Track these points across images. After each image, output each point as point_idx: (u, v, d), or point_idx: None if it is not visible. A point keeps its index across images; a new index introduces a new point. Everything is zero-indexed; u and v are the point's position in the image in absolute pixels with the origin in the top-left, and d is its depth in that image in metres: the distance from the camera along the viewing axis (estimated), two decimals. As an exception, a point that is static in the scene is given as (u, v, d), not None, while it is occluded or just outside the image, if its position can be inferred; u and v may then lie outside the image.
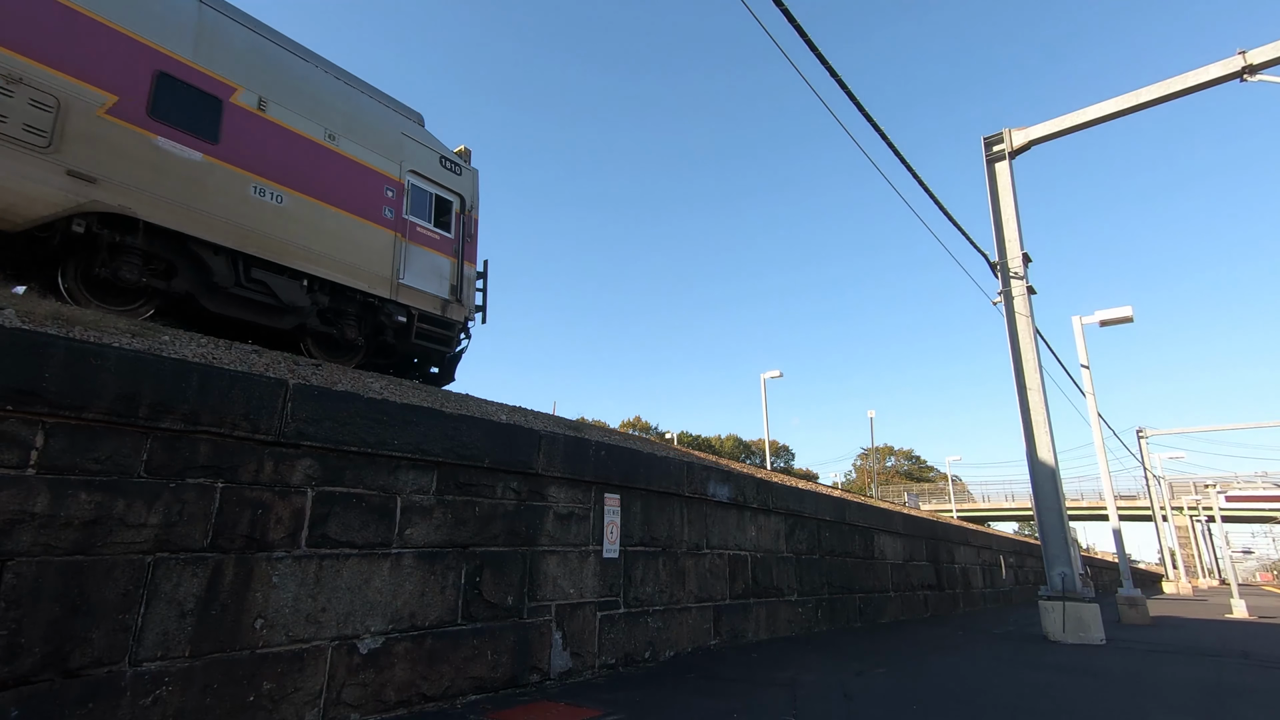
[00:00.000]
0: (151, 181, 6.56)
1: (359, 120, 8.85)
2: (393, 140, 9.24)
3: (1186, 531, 61.20)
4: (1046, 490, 11.55)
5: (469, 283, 9.82)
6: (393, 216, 8.92)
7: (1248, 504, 48.90)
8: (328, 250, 7.97)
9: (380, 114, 9.29)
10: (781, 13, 7.42)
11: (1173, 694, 6.46)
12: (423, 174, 9.51)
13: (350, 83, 9.07)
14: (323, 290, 8.01)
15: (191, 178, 6.87)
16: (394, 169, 9.09)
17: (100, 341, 4.11)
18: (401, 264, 8.86)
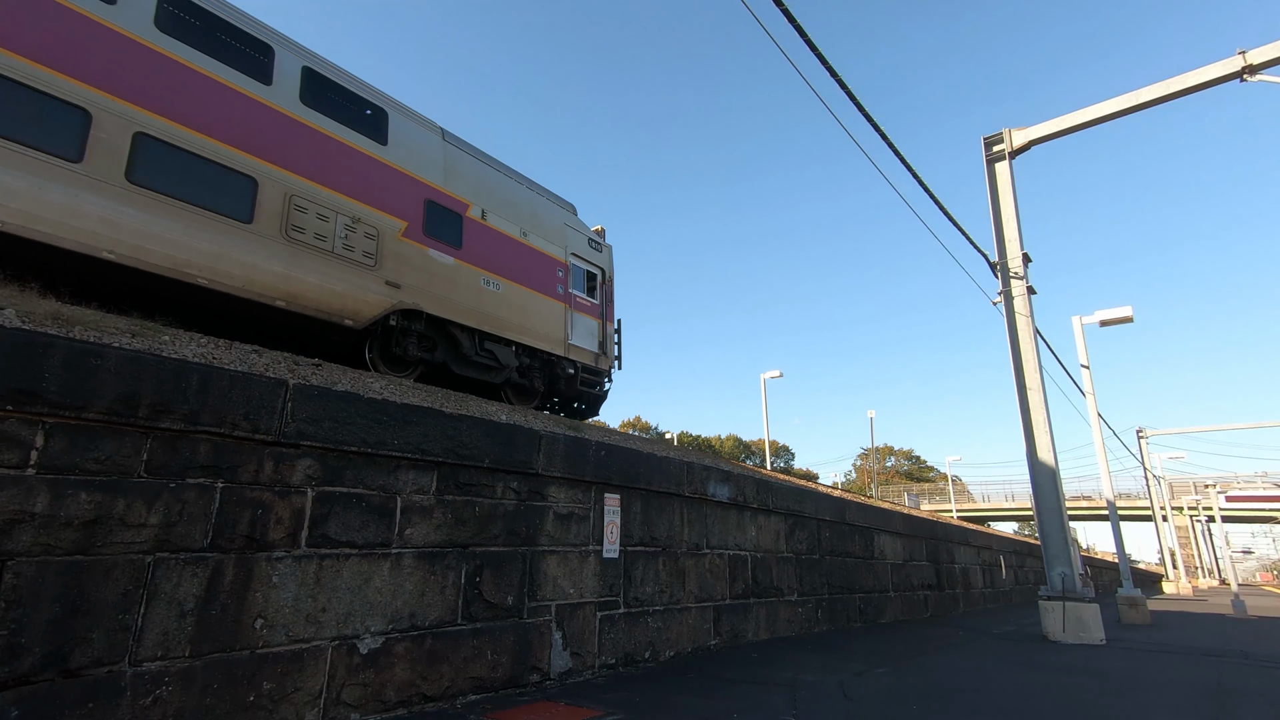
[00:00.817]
0: (428, 283, 8.90)
1: (539, 217, 11.23)
2: (559, 229, 11.62)
3: (1186, 531, 61.21)
4: (1046, 490, 11.55)
5: (610, 339, 12.24)
6: (562, 291, 11.32)
7: (1248, 504, 49.03)
8: (526, 322, 10.36)
9: (550, 209, 11.66)
10: (782, 13, 7.42)
11: (1173, 694, 6.46)
12: (579, 255, 11.92)
13: (530, 186, 11.47)
14: (523, 352, 10.33)
15: (448, 277, 9.22)
16: (561, 253, 11.49)
17: (100, 341, 4.11)
18: (569, 328, 11.25)
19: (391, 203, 8.74)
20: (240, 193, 7.30)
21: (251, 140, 7.49)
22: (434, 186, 9.45)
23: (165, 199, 6.68)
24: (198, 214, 6.87)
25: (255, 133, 7.57)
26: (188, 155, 6.94)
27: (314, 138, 8.15)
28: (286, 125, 7.93)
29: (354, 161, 8.47)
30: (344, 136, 8.48)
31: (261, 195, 7.49)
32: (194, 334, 5.65)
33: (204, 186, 6.99)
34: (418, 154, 9.38)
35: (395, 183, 8.90)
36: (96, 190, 6.32)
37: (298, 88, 8.18)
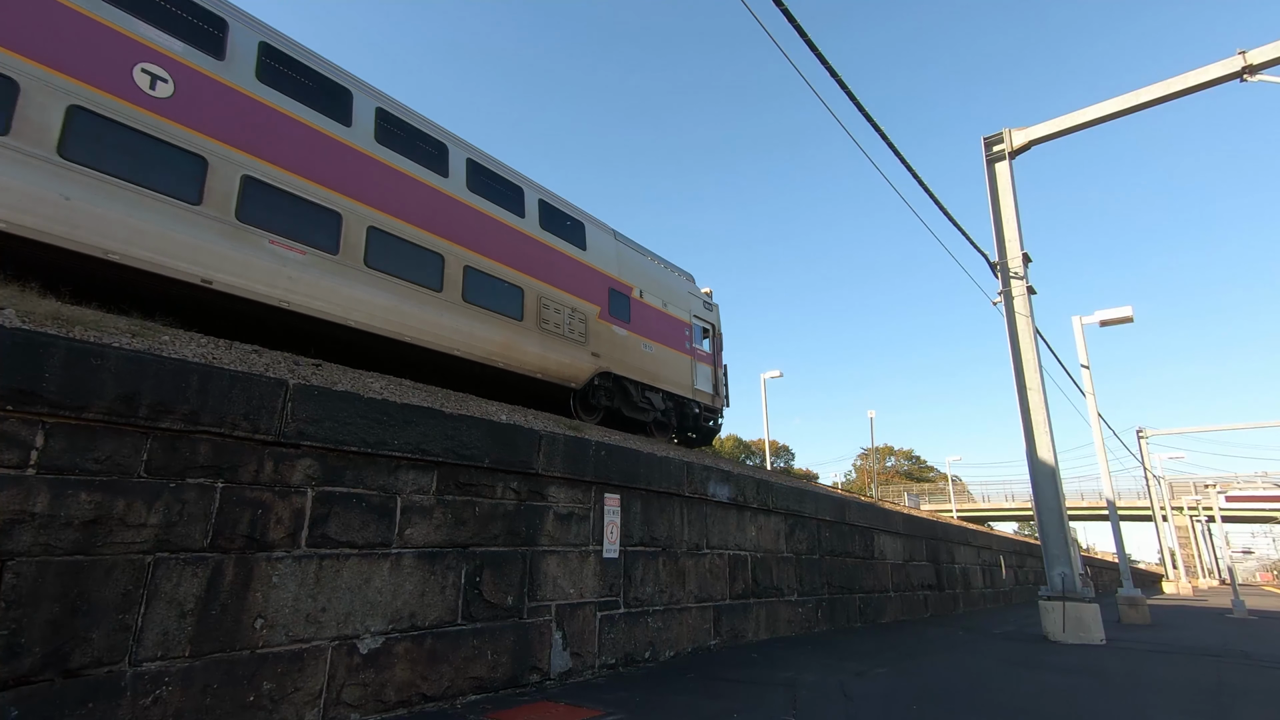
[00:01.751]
0: (613, 351, 11.96)
1: (671, 289, 14.37)
2: (684, 297, 14.71)
3: (1186, 532, 61.18)
4: (1046, 490, 11.54)
5: (721, 382, 15.27)
6: (689, 347, 14.35)
7: (1248, 504, 49.03)
8: (668, 374, 13.38)
9: (678, 281, 14.77)
10: (782, 13, 7.42)
11: (1173, 694, 6.46)
12: (698, 315, 14.99)
13: (664, 264, 14.58)
14: (666, 398, 13.31)
15: (623, 345, 12.29)
16: (686, 316, 14.56)
17: (100, 341, 4.11)
18: (694, 376, 14.27)
19: (590, 293, 11.92)
20: (515, 300, 10.34)
21: (520, 261, 10.60)
22: (613, 277, 12.64)
23: (481, 310, 9.71)
24: (495, 318, 9.91)
25: (521, 255, 10.67)
26: (494, 279, 10.07)
27: (550, 253, 11.31)
28: (536, 246, 11.05)
29: (571, 266, 11.64)
30: (564, 249, 11.61)
31: (526, 300, 10.50)
32: (194, 334, 5.65)
33: (500, 298, 10.10)
34: (602, 253, 12.54)
35: (592, 278, 12.07)
36: (452, 310, 9.31)
37: (539, 217, 11.28)
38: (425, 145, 9.78)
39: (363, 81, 9.24)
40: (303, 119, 8.22)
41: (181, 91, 7.09)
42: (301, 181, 7.96)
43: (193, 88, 7.20)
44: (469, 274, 9.64)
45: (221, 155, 7.26)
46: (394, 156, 9.14)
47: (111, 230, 6.36)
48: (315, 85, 8.58)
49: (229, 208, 7.21)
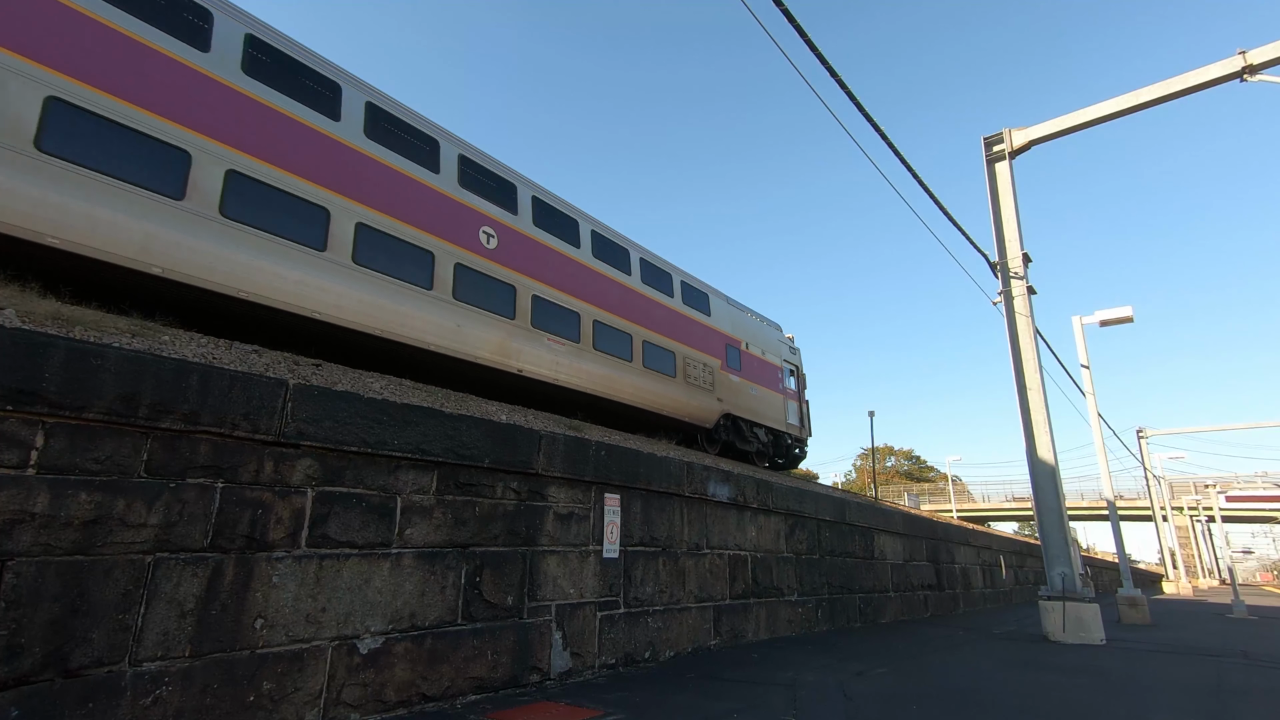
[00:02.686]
0: (731, 395, 14.97)
1: (767, 338, 17.48)
2: (776, 344, 17.86)
3: (1186, 532, 61.16)
4: (1046, 490, 11.54)
5: (805, 415, 18.58)
6: (781, 387, 17.42)
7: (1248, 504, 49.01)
8: (767, 412, 16.48)
9: (771, 331, 17.93)
10: (782, 13, 7.42)
11: (1173, 694, 6.46)
12: (786, 359, 18.13)
13: (761, 318, 17.78)
14: (767, 432, 16.48)
15: (737, 390, 15.32)
16: (778, 361, 17.70)
17: (100, 341, 4.11)
18: (785, 412, 17.43)
19: (714, 350, 14.98)
20: (670, 362, 13.48)
21: (672, 332, 13.79)
22: (728, 334, 15.72)
23: (652, 371, 12.92)
24: (660, 377, 13.05)
25: (673, 327, 13.89)
26: (658, 348, 13.16)
27: (689, 323, 14.52)
28: (680, 318, 14.26)
29: (702, 330, 14.81)
30: (697, 317, 14.76)
31: (676, 361, 13.61)
32: (194, 334, 5.65)
33: (661, 362, 13.19)
34: (720, 315, 15.71)
35: (715, 337, 15.15)
36: (635, 374, 12.45)
37: (681, 296, 14.53)
38: (616, 253, 13.19)
39: (590, 216, 12.83)
40: (566, 253, 11.84)
41: (501, 244, 10.53)
42: (565, 296, 11.45)
43: (510, 241, 10.73)
44: (645, 346, 12.98)
45: (526, 285, 10.72)
46: (606, 267, 12.63)
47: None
48: (561, 225, 12.00)
49: (527, 320, 10.58)
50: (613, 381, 11.87)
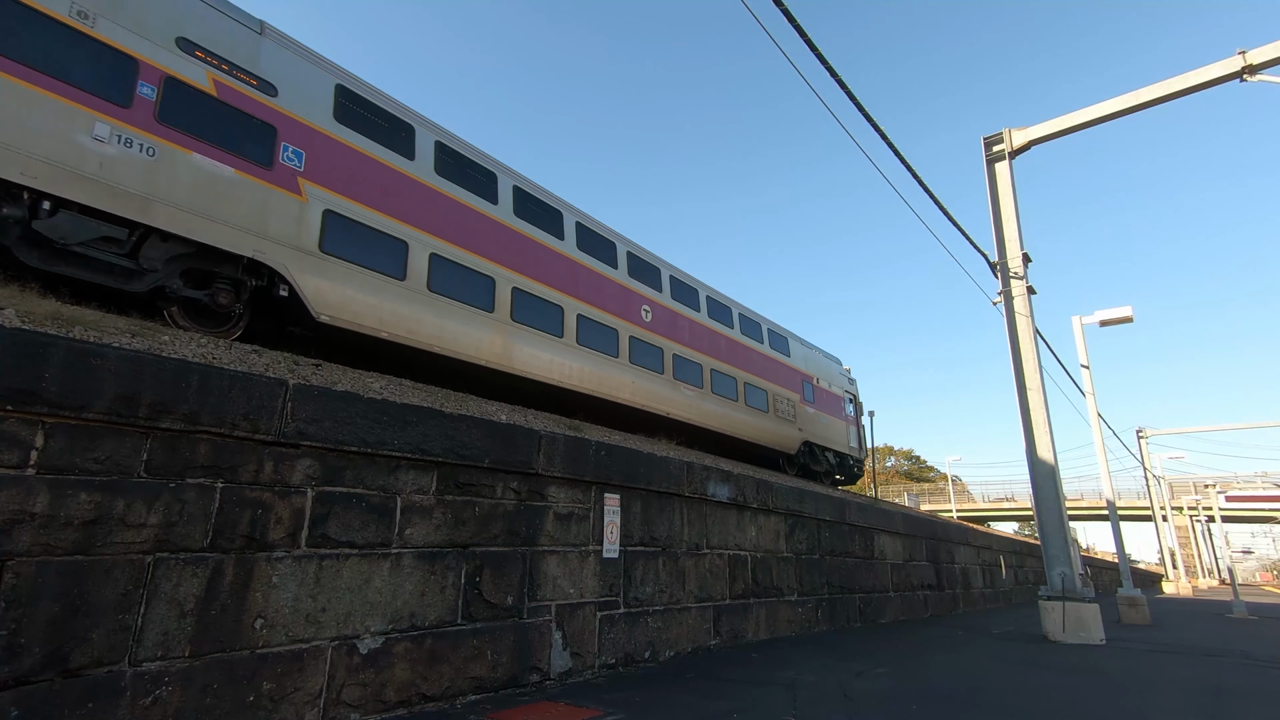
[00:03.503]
0: (808, 424, 17.64)
1: (831, 372, 20.06)
2: (838, 377, 20.48)
3: (1186, 531, 61.15)
4: (1046, 490, 11.54)
5: (862, 438, 21.46)
6: (843, 414, 20.12)
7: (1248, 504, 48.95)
8: (834, 437, 19.02)
9: (834, 365, 20.50)
10: (781, 13, 7.41)
11: (1173, 694, 6.46)
12: (846, 390, 20.77)
13: (825, 354, 20.30)
14: (835, 455, 19.14)
15: (813, 419, 17.95)
16: (840, 392, 20.32)
17: (100, 341, 4.11)
18: (848, 437, 20.09)
19: (794, 386, 17.65)
20: (763, 398, 16.12)
21: (765, 374, 16.55)
22: (803, 371, 18.36)
23: (752, 408, 15.73)
24: (758, 412, 15.83)
25: (766, 370, 16.58)
26: (756, 389, 15.97)
27: (777, 364, 17.32)
28: (771, 361, 17.05)
29: (785, 370, 17.51)
30: (781, 359, 17.51)
31: (768, 398, 16.30)
32: (194, 334, 5.65)
33: (758, 399, 15.92)
34: (797, 355, 18.38)
35: (794, 375, 17.84)
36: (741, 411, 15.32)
37: (769, 342, 17.28)
38: (723, 311, 15.96)
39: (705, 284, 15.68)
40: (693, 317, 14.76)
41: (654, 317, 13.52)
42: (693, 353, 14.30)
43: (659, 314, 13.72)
44: (746, 387, 15.71)
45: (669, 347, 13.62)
46: (717, 324, 15.50)
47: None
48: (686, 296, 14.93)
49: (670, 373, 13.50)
50: (726, 419, 14.77)
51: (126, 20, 6.82)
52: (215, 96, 7.39)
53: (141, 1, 7.01)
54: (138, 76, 6.82)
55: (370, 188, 8.75)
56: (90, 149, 6.32)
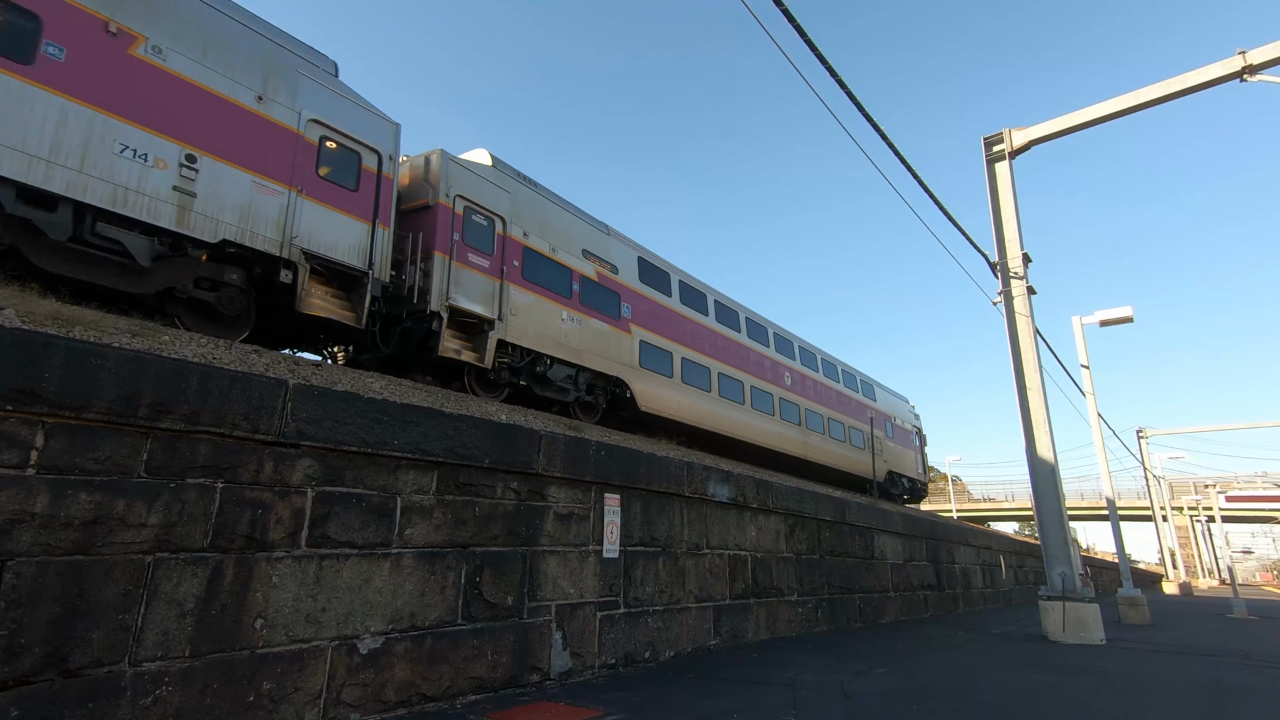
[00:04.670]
0: (890, 456, 22.45)
1: (903, 410, 24.58)
2: (906, 413, 24.77)
3: (1186, 531, 61.13)
4: (1046, 490, 11.54)
5: (925, 464, 25.48)
6: (912, 446, 24.50)
7: (1248, 504, 48.96)
8: (905, 465, 23.56)
9: (904, 404, 25.05)
10: (781, 13, 7.41)
11: (1173, 694, 6.46)
12: (913, 424, 25.02)
13: (894, 393, 24.60)
14: (907, 480, 23.57)
15: (892, 450, 22.86)
16: (909, 426, 24.84)
17: (100, 341, 4.11)
18: (917, 464, 24.61)
19: (880, 425, 21.58)
20: (861, 437, 20.62)
21: (860, 417, 21.01)
22: (886, 412, 22.68)
23: (856, 448, 20.55)
24: (861, 450, 20.57)
25: (860, 414, 20.99)
26: (858, 431, 20.86)
27: (866, 408, 21.21)
28: (864, 406, 21.27)
29: (874, 412, 21.53)
30: (869, 403, 21.64)
31: (864, 437, 20.55)
32: (193, 334, 5.65)
33: (856, 437, 20.49)
34: (880, 399, 22.65)
35: (880, 416, 21.80)
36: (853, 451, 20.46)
37: (860, 390, 21.48)
38: (833, 369, 20.41)
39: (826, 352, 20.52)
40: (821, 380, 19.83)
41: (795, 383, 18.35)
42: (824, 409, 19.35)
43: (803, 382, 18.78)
44: (850, 430, 20.34)
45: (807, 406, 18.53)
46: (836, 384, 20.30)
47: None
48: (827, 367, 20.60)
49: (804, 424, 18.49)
50: (838, 456, 19.48)
51: (570, 249, 11.92)
52: (596, 281, 12.28)
53: (571, 235, 12.05)
54: (572, 280, 11.68)
55: (655, 320, 13.60)
56: (562, 326, 11.23)
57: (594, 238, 12.55)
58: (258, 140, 7.52)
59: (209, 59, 7.26)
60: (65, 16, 6.25)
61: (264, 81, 7.73)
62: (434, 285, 9.15)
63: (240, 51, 7.59)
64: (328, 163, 8.20)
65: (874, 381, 23.01)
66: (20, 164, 5.80)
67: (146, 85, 6.72)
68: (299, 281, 7.59)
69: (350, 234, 8.23)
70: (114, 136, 6.42)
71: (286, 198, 7.66)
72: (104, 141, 6.34)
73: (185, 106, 6.99)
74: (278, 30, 8.16)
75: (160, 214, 6.61)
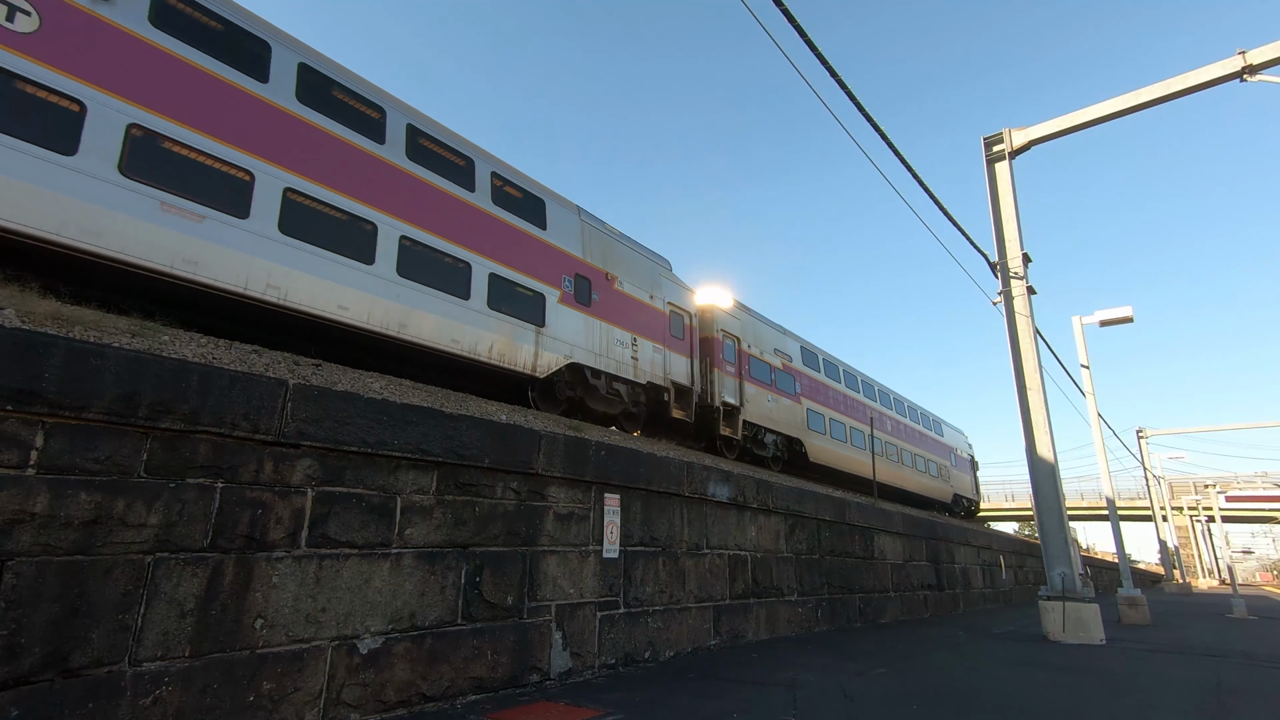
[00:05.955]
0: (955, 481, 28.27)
1: (961, 442, 29.82)
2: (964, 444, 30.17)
3: (1186, 531, 61.12)
4: (1046, 490, 11.54)
5: (977, 485, 30.95)
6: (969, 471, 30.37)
7: (1248, 504, 49.00)
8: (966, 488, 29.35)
9: (962, 436, 30.21)
10: (782, 13, 7.41)
11: (1173, 694, 6.46)
12: (969, 453, 30.60)
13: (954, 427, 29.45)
14: (967, 501, 29.51)
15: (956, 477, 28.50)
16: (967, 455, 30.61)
17: (100, 341, 4.11)
18: (972, 487, 30.26)
19: (947, 457, 26.98)
20: (935, 467, 25.86)
21: (933, 450, 26.24)
22: (948, 444, 27.52)
23: (929, 474, 25.42)
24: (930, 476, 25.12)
25: (933, 448, 26.20)
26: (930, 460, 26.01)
27: (935, 442, 26.42)
28: (935, 441, 26.32)
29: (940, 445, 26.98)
30: (936, 437, 26.59)
31: (936, 466, 25.78)
32: (193, 334, 5.65)
33: (930, 467, 25.75)
34: (945, 432, 27.64)
35: (947, 450, 27.22)
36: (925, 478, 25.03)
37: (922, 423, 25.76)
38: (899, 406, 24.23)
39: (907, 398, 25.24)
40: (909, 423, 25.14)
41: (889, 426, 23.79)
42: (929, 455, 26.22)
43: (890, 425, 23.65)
44: (929, 464, 24.88)
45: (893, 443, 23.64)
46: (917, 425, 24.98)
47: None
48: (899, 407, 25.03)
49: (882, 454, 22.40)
50: (921, 484, 24.11)
51: (768, 349, 16.85)
52: (781, 369, 17.08)
53: (766, 339, 17.03)
54: (771, 371, 16.57)
55: (814, 391, 18.31)
56: (768, 405, 16.05)
57: (778, 338, 17.65)
58: (652, 321, 12.99)
59: (634, 280, 12.74)
60: (595, 275, 11.76)
61: (651, 286, 13.25)
62: (714, 389, 14.45)
63: (642, 271, 13.12)
64: (673, 326, 13.62)
65: (941, 419, 27.86)
66: (588, 356, 11.21)
67: (620, 303, 12.21)
68: (669, 398, 12.95)
69: (684, 366, 13.65)
70: (615, 337, 11.85)
71: (663, 352, 13.05)
72: (611, 339, 11.74)
73: (632, 311, 12.48)
74: (646, 247, 13.71)
75: (628, 372, 12.00)
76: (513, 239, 10.18)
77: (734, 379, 15.09)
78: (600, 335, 11.44)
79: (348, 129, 8.32)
